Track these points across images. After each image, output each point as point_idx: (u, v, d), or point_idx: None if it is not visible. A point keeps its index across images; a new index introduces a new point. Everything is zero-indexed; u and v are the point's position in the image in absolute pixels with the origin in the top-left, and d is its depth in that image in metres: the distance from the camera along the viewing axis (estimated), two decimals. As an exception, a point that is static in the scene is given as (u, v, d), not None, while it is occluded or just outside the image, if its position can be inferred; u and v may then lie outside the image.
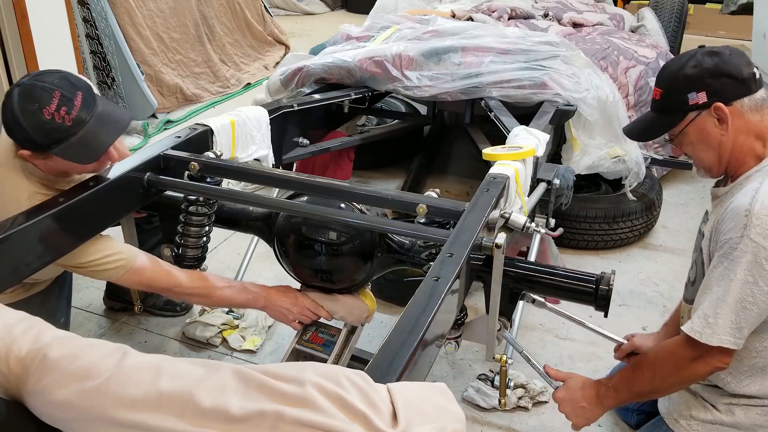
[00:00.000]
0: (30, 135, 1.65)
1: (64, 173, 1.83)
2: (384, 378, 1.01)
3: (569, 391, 1.79)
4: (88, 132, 1.69)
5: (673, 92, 1.64)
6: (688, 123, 1.63)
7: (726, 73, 1.58)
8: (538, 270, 1.72)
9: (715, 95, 1.59)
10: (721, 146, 1.63)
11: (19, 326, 0.92)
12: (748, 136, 1.61)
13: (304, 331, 2.05)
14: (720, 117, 1.60)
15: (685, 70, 1.62)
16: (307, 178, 1.91)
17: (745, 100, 1.59)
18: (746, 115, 1.60)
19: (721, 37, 7.85)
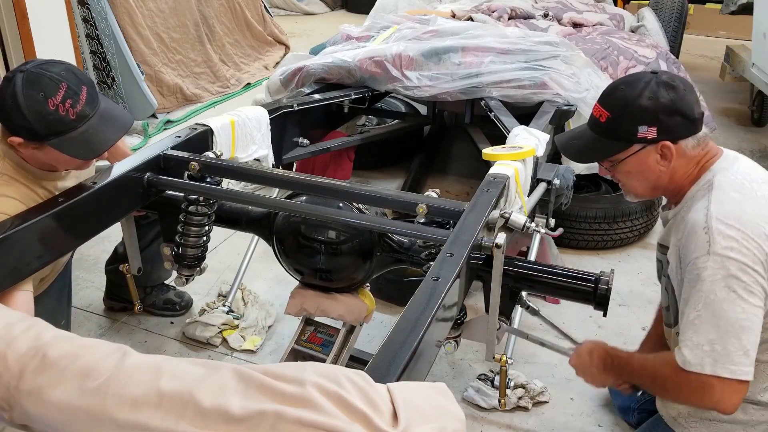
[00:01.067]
0: (29, 123, 1.61)
1: (48, 165, 1.79)
2: (384, 378, 1.01)
3: (580, 357, 1.80)
4: (89, 128, 1.67)
5: (624, 120, 1.58)
6: (631, 154, 1.60)
7: (680, 112, 1.55)
8: (537, 269, 1.72)
9: (665, 132, 1.56)
10: (658, 180, 1.63)
11: (19, 325, 0.92)
12: (687, 167, 1.61)
13: (302, 330, 2.06)
14: (664, 154, 1.58)
15: (640, 100, 1.56)
16: (307, 178, 1.91)
17: (690, 140, 1.58)
18: (688, 153, 1.59)
19: (721, 37, 7.85)
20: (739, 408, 1.63)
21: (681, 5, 5.40)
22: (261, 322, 2.72)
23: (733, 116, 5.46)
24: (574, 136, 1.76)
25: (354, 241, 1.85)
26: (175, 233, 2.01)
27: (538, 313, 2.00)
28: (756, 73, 4.69)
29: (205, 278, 2.94)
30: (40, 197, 1.78)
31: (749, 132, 5.14)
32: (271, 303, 2.84)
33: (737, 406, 1.49)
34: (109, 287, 2.78)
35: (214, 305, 2.78)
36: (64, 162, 1.76)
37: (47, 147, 1.67)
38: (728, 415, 1.64)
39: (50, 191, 1.82)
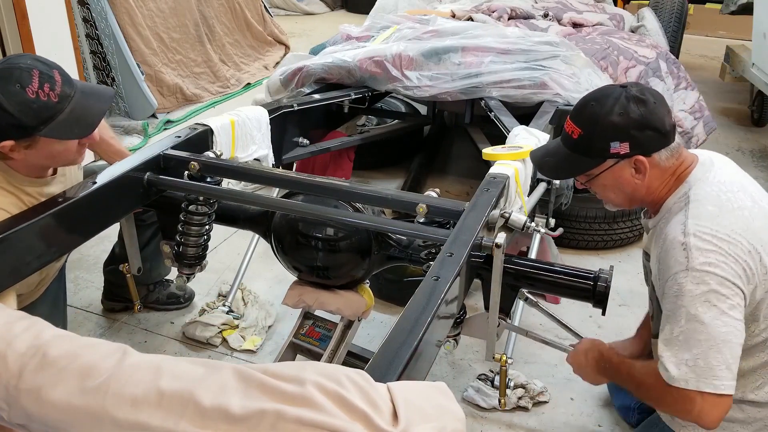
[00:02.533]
0: (16, 118, 1.56)
1: (37, 169, 1.76)
2: (384, 377, 1.01)
3: (576, 355, 1.83)
4: (76, 105, 1.64)
5: (595, 137, 1.59)
6: (605, 169, 1.61)
7: (651, 126, 1.55)
8: (536, 267, 1.72)
9: (637, 147, 1.56)
10: (634, 192, 1.64)
11: (19, 324, 0.92)
12: (662, 178, 1.62)
13: (301, 324, 2.07)
14: (638, 168, 1.59)
15: (611, 117, 1.56)
16: (307, 178, 1.91)
17: (663, 152, 1.59)
18: (662, 165, 1.60)
19: (721, 37, 7.85)
20: (736, 406, 1.65)
21: (681, 5, 5.39)
22: (261, 322, 2.72)
23: (733, 116, 5.46)
24: (548, 153, 1.77)
25: (351, 239, 1.85)
26: (174, 232, 2.01)
27: (537, 305, 2.01)
28: (756, 73, 4.69)
29: (205, 278, 2.94)
30: (25, 204, 1.74)
31: (749, 132, 5.14)
32: (271, 303, 2.84)
33: (719, 420, 1.49)
34: (108, 288, 2.78)
35: (214, 305, 2.78)
36: (60, 154, 1.71)
37: (40, 141, 1.64)
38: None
39: (36, 198, 1.78)
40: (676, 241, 1.51)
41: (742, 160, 4.53)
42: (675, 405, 1.52)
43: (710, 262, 1.46)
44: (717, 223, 1.50)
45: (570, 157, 1.66)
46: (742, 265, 1.47)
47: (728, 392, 1.46)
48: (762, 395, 1.64)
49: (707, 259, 1.46)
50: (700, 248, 1.47)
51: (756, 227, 1.52)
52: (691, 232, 1.49)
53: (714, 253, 1.46)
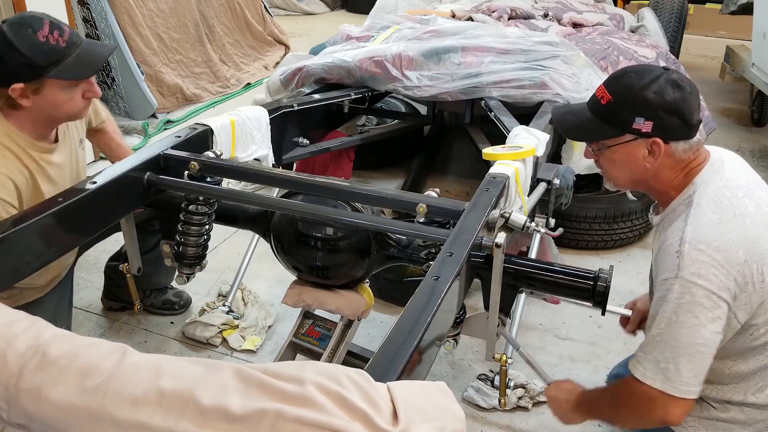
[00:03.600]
0: (27, 58, 1.71)
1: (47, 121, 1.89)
2: (384, 377, 1.01)
3: (557, 391, 1.84)
4: (82, 52, 1.80)
5: (624, 107, 1.57)
6: (621, 143, 1.60)
7: (680, 113, 1.54)
8: (536, 267, 1.72)
9: (659, 130, 1.55)
10: (642, 175, 1.63)
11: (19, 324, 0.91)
12: (673, 170, 1.61)
13: (301, 323, 2.07)
14: (653, 151, 1.57)
15: (645, 91, 1.54)
16: (307, 178, 1.91)
17: (681, 143, 1.57)
18: (676, 156, 1.58)
19: (721, 37, 7.85)
20: (737, 408, 1.66)
21: (681, 5, 5.40)
22: (261, 322, 2.72)
23: (733, 116, 5.46)
24: (570, 111, 1.76)
25: (351, 239, 1.85)
26: (174, 232, 2.01)
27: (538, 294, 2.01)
28: (756, 73, 4.69)
29: (205, 278, 2.94)
30: (28, 169, 1.88)
31: (749, 132, 5.14)
32: (271, 303, 2.84)
33: (683, 417, 1.54)
34: (107, 287, 2.79)
35: (214, 305, 2.78)
36: (65, 103, 1.84)
37: (47, 85, 1.77)
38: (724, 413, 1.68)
39: (39, 164, 1.91)
40: (672, 248, 1.52)
41: (742, 160, 4.53)
42: (642, 404, 1.55)
43: (700, 274, 1.46)
44: (715, 232, 1.50)
45: (592, 120, 1.64)
46: (733, 276, 1.47)
47: (691, 397, 1.51)
48: (762, 398, 1.65)
49: (697, 270, 1.47)
50: (693, 258, 1.47)
51: (756, 235, 1.51)
52: (687, 241, 1.50)
53: (705, 265, 1.47)
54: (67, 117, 1.94)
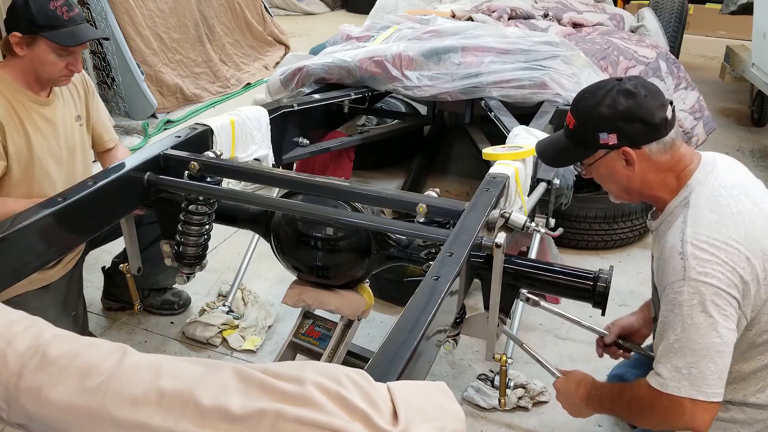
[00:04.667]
0: (32, 15, 2.03)
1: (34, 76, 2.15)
2: (384, 377, 1.01)
3: (567, 383, 1.83)
4: (76, 29, 2.11)
5: (587, 127, 1.63)
6: (598, 159, 1.65)
7: (638, 118, 1.57)
8: (536, 267, 1.72)
9: (625, 139, 1.58)
10: (629, 183, 1.65)
11: (19, 324, 0.91)
12: (659, 172, 1.63)
13: (301, 323, 2.07)
14: (627, 160, 1.61)
15: (600, 108, 1.59)
16: (307, 178, 1.91)
17: (653, 145, 1.59)
18: (654, 158, 1.60)
19: (721, 37, 7.85)
20: (737, 408, 1.66)
21: (681, 5, 5.40)
22: (261, 322, 2.72)
23: (733, 116, 5.46)
24: (550, 143, 1.82)
25: (351, 239, 1.85)
26: (174, 232, 2.01)
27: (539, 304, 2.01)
28: (756, 73, 4.69)
29: (205, 278, 2.95)
30: (17, 113, 2.14)
31: (749, 132, 5.14)
32: (271, 303, 2.84)
33: (710, 424, 1.52)
34: (107, 287, 2.79)
35: (214, 305, 2.78)
36: (49, 65, 2.11)
37: (39, 41, 2.07)
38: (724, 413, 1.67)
39: (29, 111, 2.17)
40: (675, 250, 1.53)
41: (742, 160, 4.49)
42: (666, 412, 1.54)
43: (707, 272, 1.48)
44: (715, 230, 1.51)
45: (567, 146, 1.71)
46: (739, 273, 1.48)
47: (718, 400, 1.50)
48: (763, 398, 1.65)
49: (704, 269, 1.48)
50: (698, 257, 1.49)
51: (756, 231, 1.52)
52: (688, 241, 1.51)
53: (710, 263, 1.48)
54: (47, 78, 2.17)
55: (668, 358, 1.52)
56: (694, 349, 1.49)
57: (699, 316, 1.48)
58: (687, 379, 1.50)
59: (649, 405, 1.57)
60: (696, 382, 1.49)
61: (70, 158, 2.32)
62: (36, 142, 2.18)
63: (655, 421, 1.61)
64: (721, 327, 1.48)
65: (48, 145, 2.22)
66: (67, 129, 2.30)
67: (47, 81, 2.19)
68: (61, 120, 2.28)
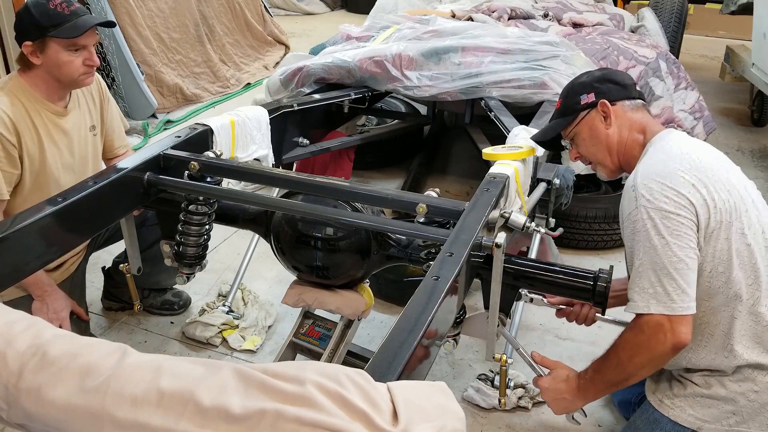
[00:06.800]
0: (36, 19, 2.08)
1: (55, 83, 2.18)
2: (384, 377, 1.01)
3: (554, 381, 1.86)
4: (79, 20, 2.14)
5: (569, 97, 1.95)
6: (580, 120, 1.91)
7: (611, 80, 1.91)
8: (536, 267, 1.72)
9: (601, 94, 1.89)
10: (608, 139, 1.88)
11: (19, 324, 0.91)
12: (631, 131, 1.87)
13: (301, 323, 2.07)
14: (605, 113, 1.87)
15: (578, 80, 1.97)
16: (307, 178, 1.91)
17: (626, 102, 1.89)
18: (627, 113, 1.88)
19: (721, 37, 7.85)
20: (716, 381, 1.74)
21: (681, 5, 5.40)
22: (261, 322, 2.72)
23: (733, 116, 5.46)
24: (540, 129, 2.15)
25: (351, 239, 1.85)
26: (174, 232, 2.01)
27: (542, 302, 2.03)
28: (756, 73, 4.69)
29: (205, 278, 2.95)
30: (34, 124, 2.16)
31: (749, 132, 5.14)
32: (271, 303, 2.84)
33: (689, 333, 1.63)
34: (107, 287, 2.79)
35: (214, 305, 2.78)
36: (66, 65, 2.14)
37: (49, 43, 2.10)
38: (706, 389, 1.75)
39: (46, 123, 2.20)
40: (629, 186, 1.71)
41: (742, 160, 4.53)
42: (650, 340, 1.63)
43: (655, 198, 1.63)
44: (664, 165, 1.68)
45: (554, 123, 2.01)
46: (686, 197, 1.62)
47: (687, 313, 1.61)
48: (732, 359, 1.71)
49: (652, 196, 1.63)
50: (647, 186, 1.65)
51: (703, 167, 1.67)
52: (639, 174, 1.69)
53: (657, 191, 1.63)
54: (69, 81, 2.19)
55: (635, 282, 1.66)
56: (654, 269, 1.62)
57: (654, 238, 1.62)
58: (654, 297, 1.62)
59: (633, 343, 1.67)
60: (662, 299, 1.61)
61: (81, 167, 2.35)
62: (49, 152, 2.21)
63: (645, 353, 1.66)
64: (675, 246, 1.61)
65: (61, 155, 2.25)
66: (81, 139, 2.34)
67: (69, 84, 2.21)
68: (76, 131, 2.31)
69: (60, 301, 2.27)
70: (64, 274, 2.40)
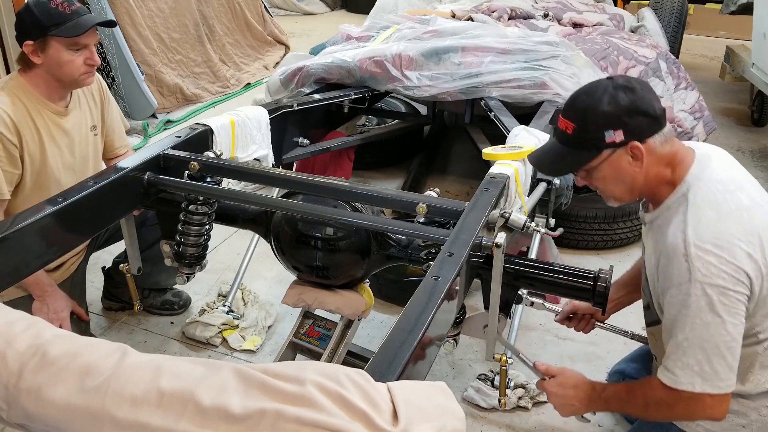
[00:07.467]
0: (37, 18, 2.08)
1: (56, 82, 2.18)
2: (384, 377, 1.01)
3: (562, 387, 1.83)
4: (80, 19, 2.14)
5: (589, 128, 1.58)
6: (603, 160, 1.60)
7: (642, 111, 1.55)
8: (536, 267, 1.72)
9: (631, 134, 1.56)
10: (634, 180, 1.62)
11: (19, 324, 0.91)
12: (659, 166, 1.61)
13: (301, 323, 2.07)
14: (635, 155, 1.58)
15: (601, 106, 1.55)
16: (307, 178, 1.91)
17: (657, 137, 1.58)
18: (657, 150, 1.59)
19: (721, 37, 7.85)
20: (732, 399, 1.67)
21: (681, 5, 5.40)
22: (261, 322, 2.72)
23: (733, 116, 5.46)
24: (544, 152, 1.76)
25: (351, 239, 1.85)
26: (174, 232, 2.01)
27: (543, 307, 2.03)
28: (756, 73, 4.69)
29: (205, 278, 2.95)
30: (35, 124, 2.16)
31: (749, 132, 5.14)
32: (271, 303, 2.84)
33: (726, 411, 1.58)
34: (107, 287, 2.79)
35: (214, 305, 2.78)
36: (67, 64, 2.13)
37: (50, 42, 2.10)
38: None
39: (46, 123, 2.19)
40: (678, 252, 1.53)
41: (742, 160, 4.52)
42: (687, 409, 1.59)
43: (711, 273, 1.49)
44: (716, 229, 1.52)
45: (567, 152, 1.65)
46: (743, 270, 1.50)
47: (731, 390, 1.55)
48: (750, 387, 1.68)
49: (708, 271, 1.49)
50: (702, 259, 1.50)
51: (755, 227, 1.53)
52: (691, 242, 1.52)
53: (714, 264, 1.49)
54: (70, 80, 2.18)
55: (678, 356, 1.55)
56: (704, 347, 1.52)
57: (707, 316, 1.50)
58: (700, 375, 1.53)
59: (669, 405, 1.61)
60: (709, 378, 1.53)
61: (82, 167, 2.35)
62: (50, 152, 2.21)
63: (677, 416, 1.65)
64: (730, 325, 1.50)
65: (61, 155, 2.26)
66: (81, 139, 2.34)
67: (70, 83, 2.21)
68: (77, 130, 2.31)
69: (60, 301, 2.27)
70: (65, 275, 2.41)
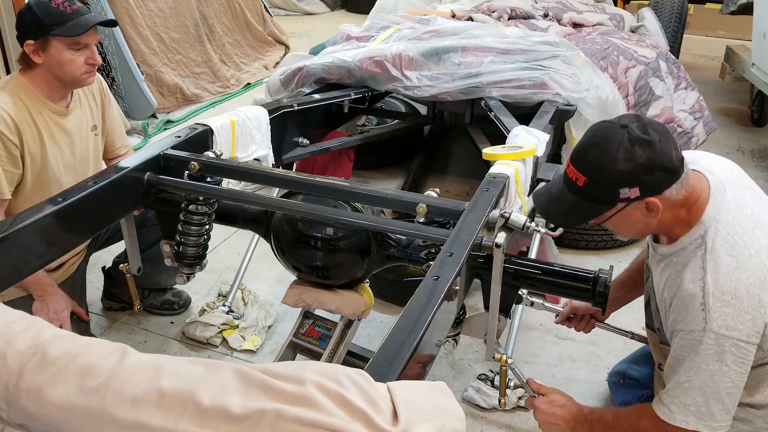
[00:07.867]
0: (38, 17, 2.09)
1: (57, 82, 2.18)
2: (384, 377, 1.01)
3: (550, 405, 1.85)
4: (81, 19, 2.14)
5: (603, 185, 1.52)
6: (616, 212, 1.56)
7: (659, 167, 1.49)
8: (536, 267, 1.72)
9: (647, 190, 1.51)
10: (647, 228, 1.61)
11: (19, 324, 0.91)
12: (675, 209, 1.57)
13: (301, 323, 2.07)
14: (650, 208, 1.54)
15: (616, 165, 1.48)
16: (307, 178, 1.91)
17: (674, 187, 1.53)
18: (673, 199, 1.54)
19: (721, 37, 7.85)
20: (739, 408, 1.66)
21: (681, 5, 5.40)
22: (261, 322, 2.72)
23: (733, 116, 5.46)
24: (553, 200, 1.67)
25: (351, 239, 1.85)
26: (174, 232, 2.01)
27: (543, 306, 2.04)
28: (756, 73, 4.69)
29: (205, 278, 2.95)
30: (36, 124, 2.17)
31: (749, 132, 5.14)
32: (271, 303, 2.84)
33: None
34: (107, 287, 2.79)
35: (214, 305, 2.78)
36: (68, 63, 2.14)
37: (51, 41, 2.10)
38: None
39: (47, 122, 2.20)
40: (696, 299, 1.52)
41: (742, 160, 4.53)
42: None
43: (728, 325, 1.49)
44: (735, 278, 1.50)
45: (577, 203, 1.59)
46: (762, 319, 1.50)
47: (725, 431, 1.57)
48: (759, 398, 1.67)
49: (725, 322, 1.49)
50: (719, 310, 1.49)
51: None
52: (710, 292, 1.50)
53: (732, 315, 1.49)
54: (71, 80, 2.19)
55: (677, 395, 1.57)
56: (705, 392, 1.53)
57: (715, 364, 1.51)
58: (695, 415, 1.55)
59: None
60: (704, 418, 1.55)
61: (82, 167, 2.36)
62: (51, 152, 2.21)
63: None
64: (735, 374, 1.52)
65: (62, 155, 2.26)
66: (82, 139, 2.34)
67: (71, 83, 2.21)
68: (77, 130, 2.32)
69: (60, 301, 2.27)
70: (65, 275, 2.41)
